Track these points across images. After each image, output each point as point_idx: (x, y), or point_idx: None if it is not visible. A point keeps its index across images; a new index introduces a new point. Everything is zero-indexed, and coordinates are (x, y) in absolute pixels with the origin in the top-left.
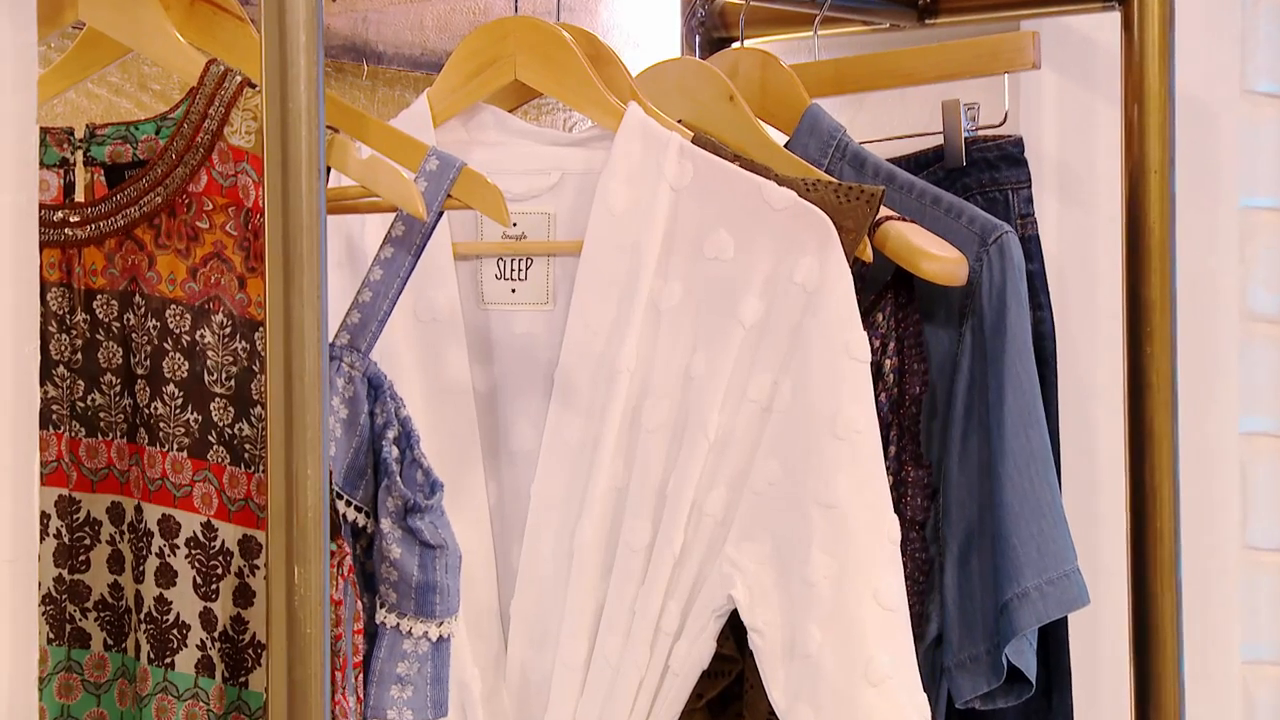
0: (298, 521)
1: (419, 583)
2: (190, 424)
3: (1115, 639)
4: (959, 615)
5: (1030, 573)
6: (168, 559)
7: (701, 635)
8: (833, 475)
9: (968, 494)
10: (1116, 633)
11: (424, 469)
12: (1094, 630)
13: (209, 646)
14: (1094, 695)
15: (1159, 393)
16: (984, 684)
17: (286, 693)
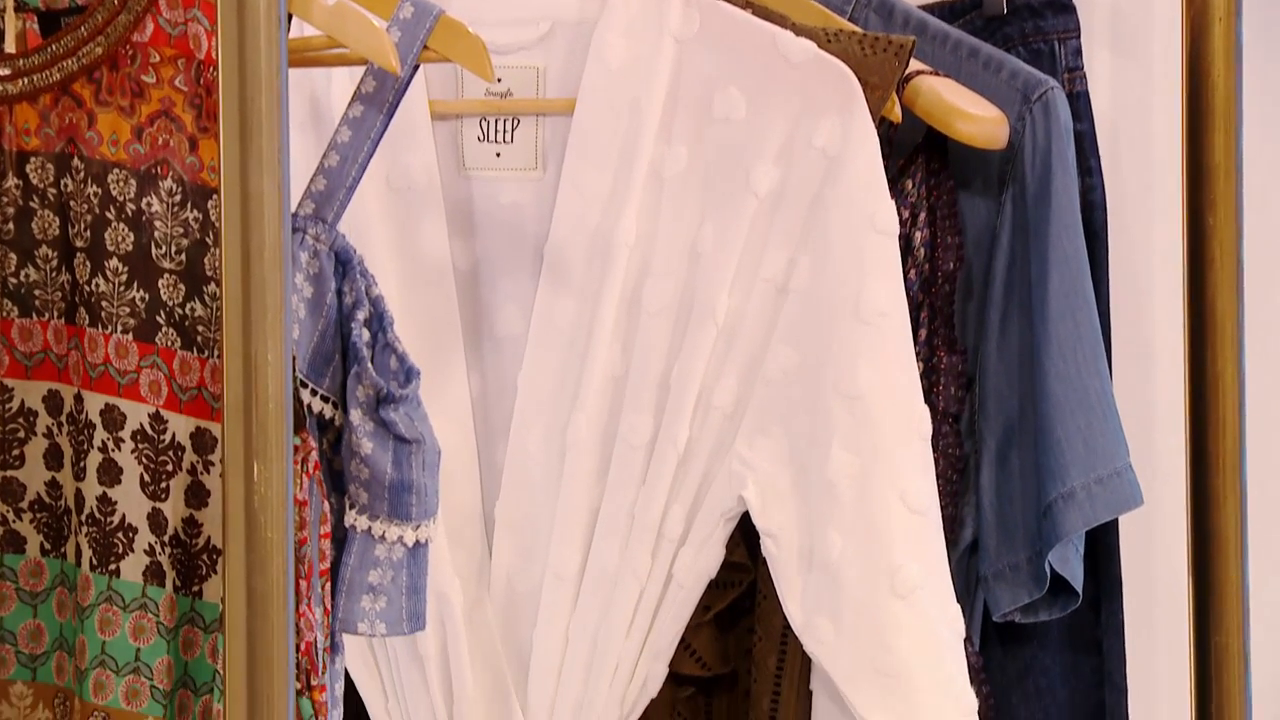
0: (257, 413)
1: (393, 481)
2: (136, 303)
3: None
4: (997, 519)
5: (1077, 471)
6: (112, 454)
7: (709, 542)
8: (855, 363)
9: (1007, 383)
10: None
11: (398, 355)
12: (1147, 536)
13: (158, 552)
14: (1147, 608)
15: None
16: (1024, 595)
17: (245, 604)
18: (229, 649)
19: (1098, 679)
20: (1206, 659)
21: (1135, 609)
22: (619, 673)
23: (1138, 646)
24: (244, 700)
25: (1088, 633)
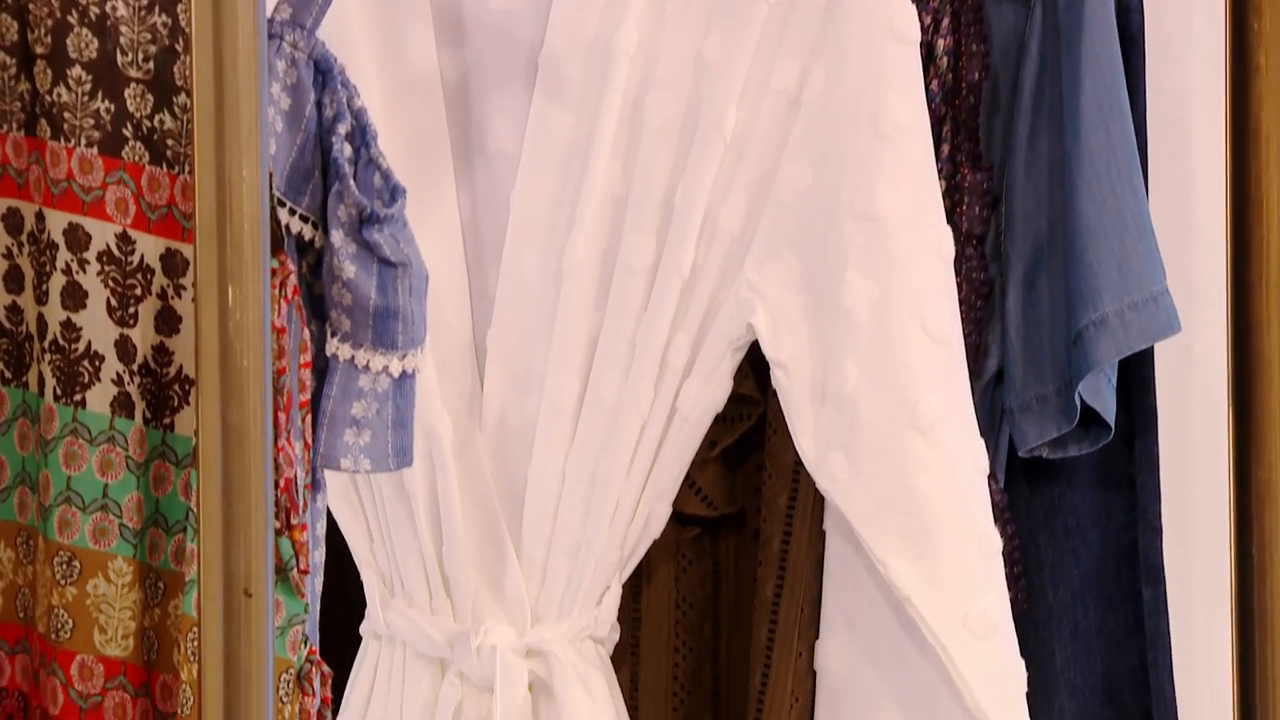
0: (231, 233)
1: (377, 307)
2: (101, 114)
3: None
4: (1024, 347)
5: (1109, 295)
6: (76, 276)
7: (715, 373)
8: (873, 180)
9: (1035, 202)
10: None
11: (382, 171)
12: (1185, 365)
13: (127, 381)
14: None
15: (1268, 77)
16: (1053, 428)
17: (220, 437)
18: (203, 485)
19: (1130, 518)
20: (1247, 495)
21: (1171, 443)
22: (619, 512)
23: (1173, 483)
24: (219, 540)
25: (1120, 469)
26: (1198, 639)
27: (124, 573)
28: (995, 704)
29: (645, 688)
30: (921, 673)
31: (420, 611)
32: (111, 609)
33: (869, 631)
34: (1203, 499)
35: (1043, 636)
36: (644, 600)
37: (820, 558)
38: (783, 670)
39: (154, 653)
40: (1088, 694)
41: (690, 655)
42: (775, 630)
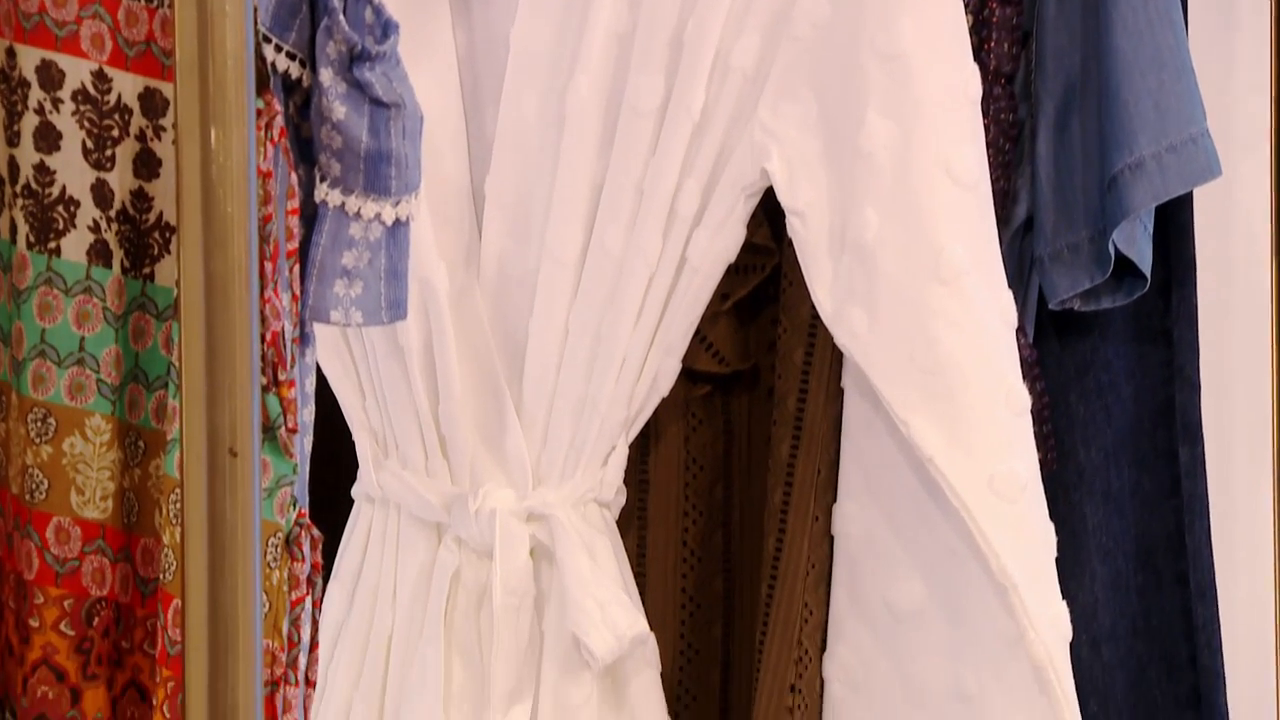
0: (214, 71)
1: (369, 150)
2: None
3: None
4: (1055, 193)
5: (1146, 137)
6: (49, 117)
7: (727, 221)
8: (895, 15)
9: (1068, 37)
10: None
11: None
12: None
13: (104, 228)
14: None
15: None
16: (1085, 279)
17: (203, 288)
18: (185, 339)
19: (1167, 373)
20: None
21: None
22: (626, 369)
23: (1213, 336)
24: (202, 396)
25: (1156, 321)
26: (1237, 501)
27: (102, 431)
28: (1022, 570)
29: (653, 553)
30: (944, 537)
31: (415, 473)
32: (89, 469)
33: (889, 494)
34: (1243, 353)
35: (1073, 499)
36: (652, 462)
37: (838, 417)
38: (798, 535)
39: (134, 515)
40: (1120, 559)
41: (700, 520)
42: (790, 493)
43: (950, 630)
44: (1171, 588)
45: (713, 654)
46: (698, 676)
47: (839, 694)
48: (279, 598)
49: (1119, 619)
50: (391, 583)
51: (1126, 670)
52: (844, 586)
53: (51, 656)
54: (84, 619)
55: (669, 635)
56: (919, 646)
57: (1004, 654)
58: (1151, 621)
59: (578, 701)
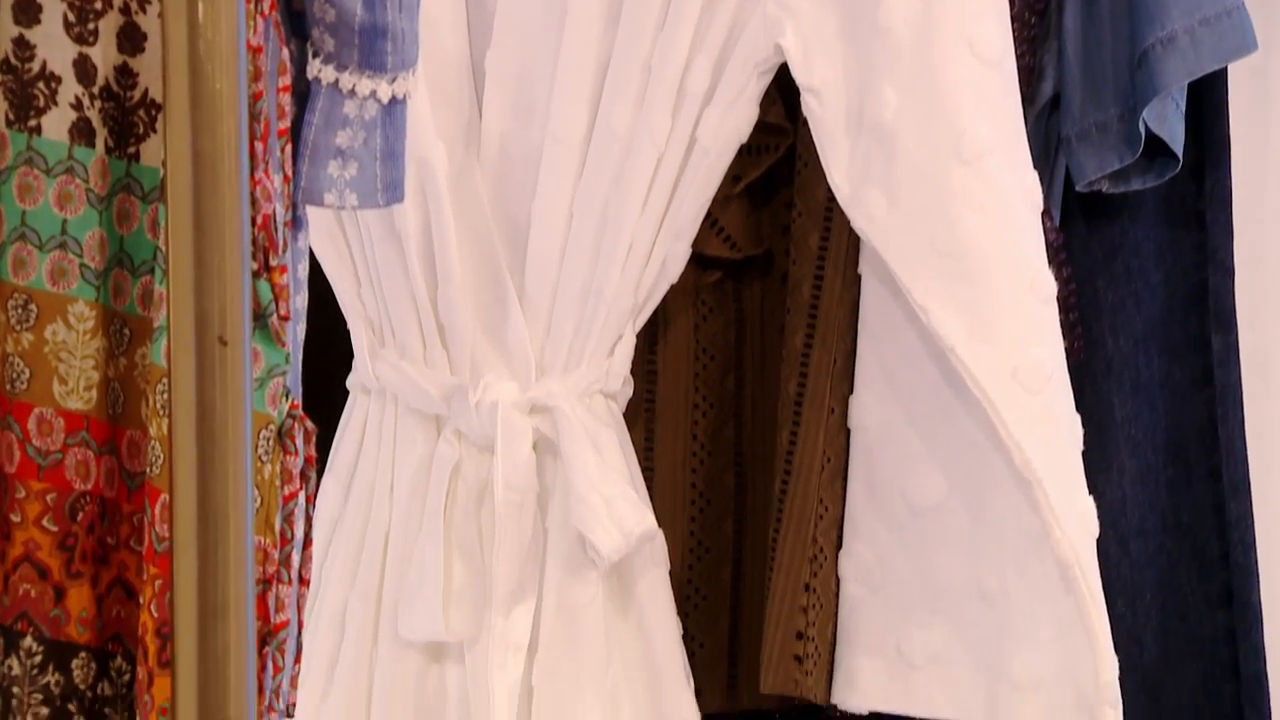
0: None
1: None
2: None
3: None
4: (1083, 69)
5: (1179, 10)
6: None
7: (740, 99)
8: None
9: None
10: None
11: None
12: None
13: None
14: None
15: None
16: (1114, 159)
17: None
18: (172, 222)
19: (1199, 258)
20: None
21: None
22: (633, 254)
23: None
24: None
25: (1188, 204)
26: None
27: (86, 318)
28: (1047, 463)
29: (661, 447)
30: (966, 430)
31: (413, 363)
32: (72, 358)
33: (908, 385)
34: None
35: (1101, 389)
36: (660, 351)
37: (855, 304)
38: (813, 427)
39: (120, 406)
40: (1150, 452)
41: (711, 412)
42: (805, 384)
43: (971, 527)
44: (1203, 482)
45: (723, 552)
46: (708, 575)
47: (855, 593)
48: (271, 493)
49: (1148, 515)
50: (388, 478)
51: (1156, 568)
52: (861, 481)
53: (34, 553)
54: (67, 514)
55: (678, 532)
56: (939, 543)
57: (1028, 551)
58: (1182, 517)
59: (583, 601)
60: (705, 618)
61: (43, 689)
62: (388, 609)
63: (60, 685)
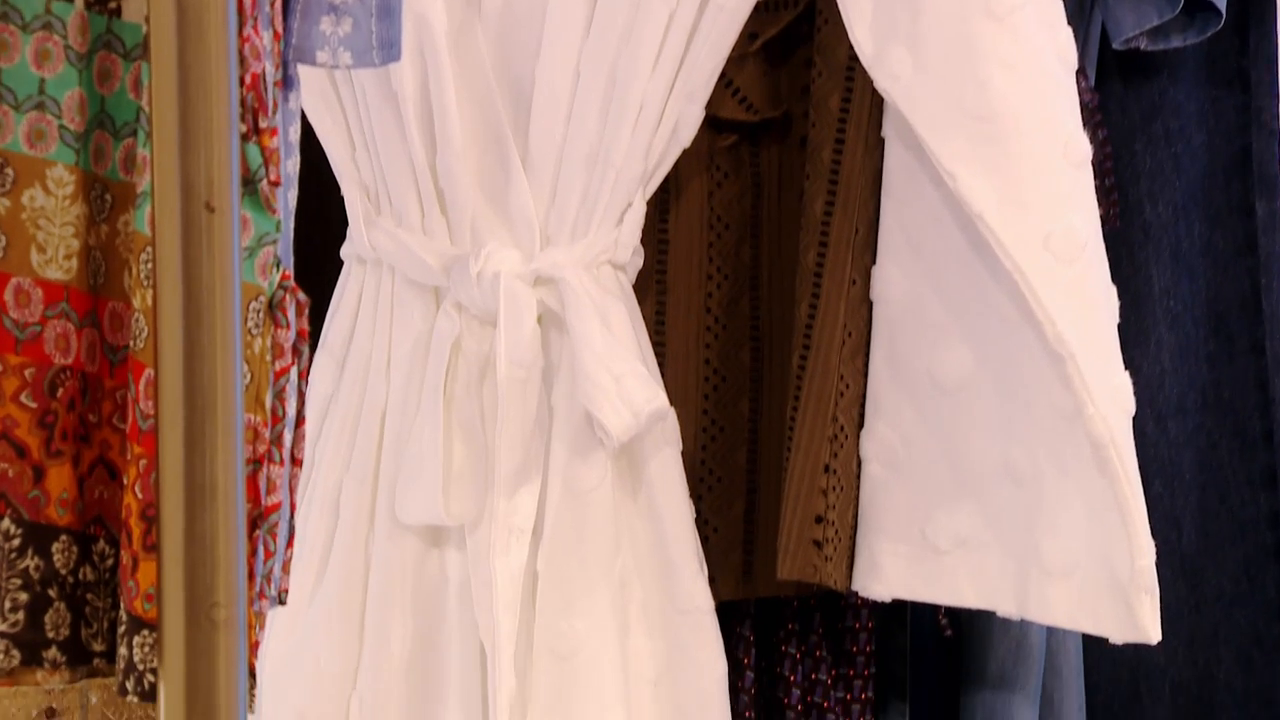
0: None
1: None
2: None
3: None
4: None
5: None
6: None
7: None
8: None
9: None
10: None
11: None
12: None
13: None
14: None
15: None
16: (1153, 13)
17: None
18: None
19: (1243, 119)
20: None
21: None
22: (644, 116)
23: None
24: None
25: (1231, 62)
26: None
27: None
28: (1080, 337)
29: (673, 320)
30: (995, 302)
31: (411, 232)
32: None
33: (934, 255)
34: None
35: (1138, 259)
36: (672, 220)
37: (878, 169)
38: (834, 299)
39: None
40: (1189, 324)
41: (726, 283)
42: (825, 254)
43: (1000, 404)
44: (1245, 356)
45: (739, 431)
46: (722, 456)
47: (877, 474)
48: (261, 368)
49: (1187, 391)
50: (385, 352)
51: (1195, 447)
52: (884, 357)
53: (11, 431)
54: (47, 390)
55: (691, 411)
56: (966, 422)
57: (1060, 430)
58: (1223, 393)
59: (590, 484)
60: (719, 501)
61: (21, 573)
62: (384, 491)
63: (40, 569)
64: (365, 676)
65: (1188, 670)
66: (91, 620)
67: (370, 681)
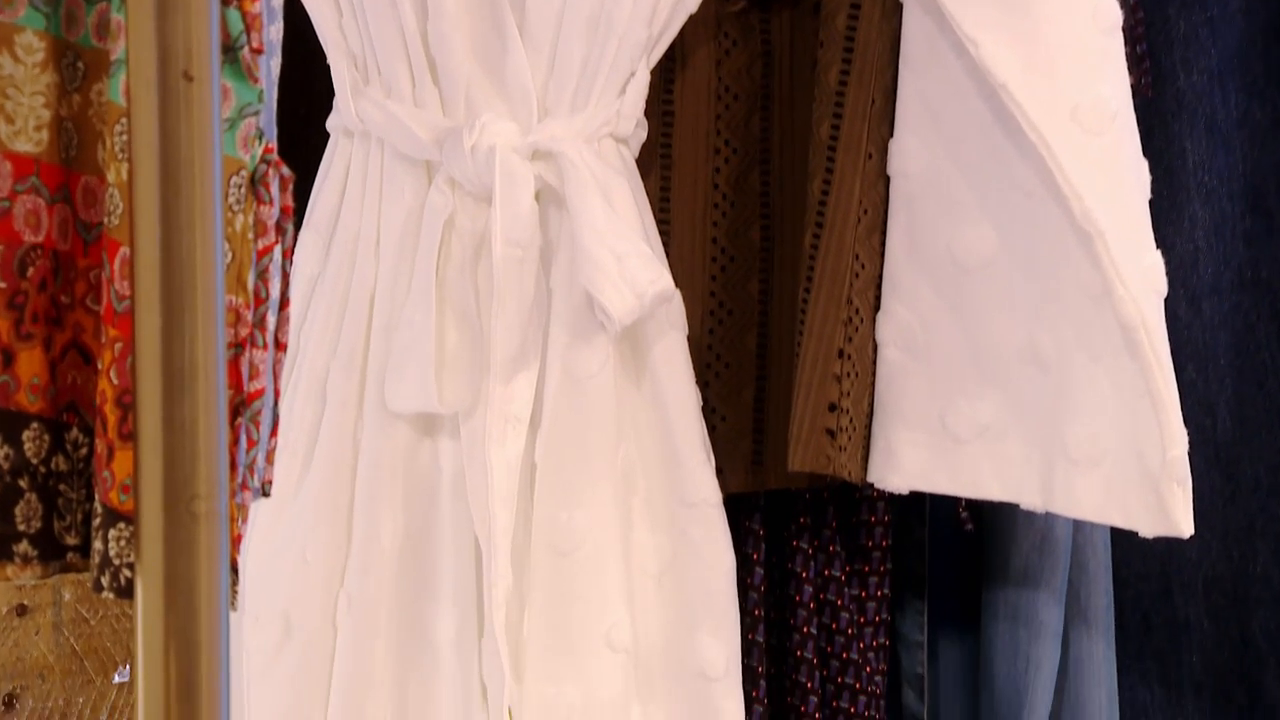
0: None
1: None
2: None
3: None
4: None
5: None
6: None
7: None
8: None
9: None
10: None
11: None
12: None
13: None
14: None
15: None
16: None
17: None
18: None
19: None
20: None
21: None
22: None
23: None
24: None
25: None
26: None
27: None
28: (1109, 214)
29: (678, 197)
30: (1019, 177)
31: (401, 102)
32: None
33: (955, 127)
34: None
35: (1171, 130)
36: (678, 90)
37: (895, 35)
38: (849, 174)
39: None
40: (1225, 199)
41: (734, 157)
42: (840, 126)
43: (1025, 285)
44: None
45: (748, 314)
46: (730, 340)
47: (894, 359)
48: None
49: (1223, 270)
50: (374, 230)
51: (1231, 329)
52: (902, 235)
53: None
54: (16, 269)
55: (697, 292)
56: (988, 303)
57: (1088, 312)
58: (1260, 272)
59: (591, 369)
60: (727, 388)
61: None
62: (373, 377)
63: (10, 458)
64: (353, 573)
65: (1222, 565)
66: (64, 512)
67: (359, 578)
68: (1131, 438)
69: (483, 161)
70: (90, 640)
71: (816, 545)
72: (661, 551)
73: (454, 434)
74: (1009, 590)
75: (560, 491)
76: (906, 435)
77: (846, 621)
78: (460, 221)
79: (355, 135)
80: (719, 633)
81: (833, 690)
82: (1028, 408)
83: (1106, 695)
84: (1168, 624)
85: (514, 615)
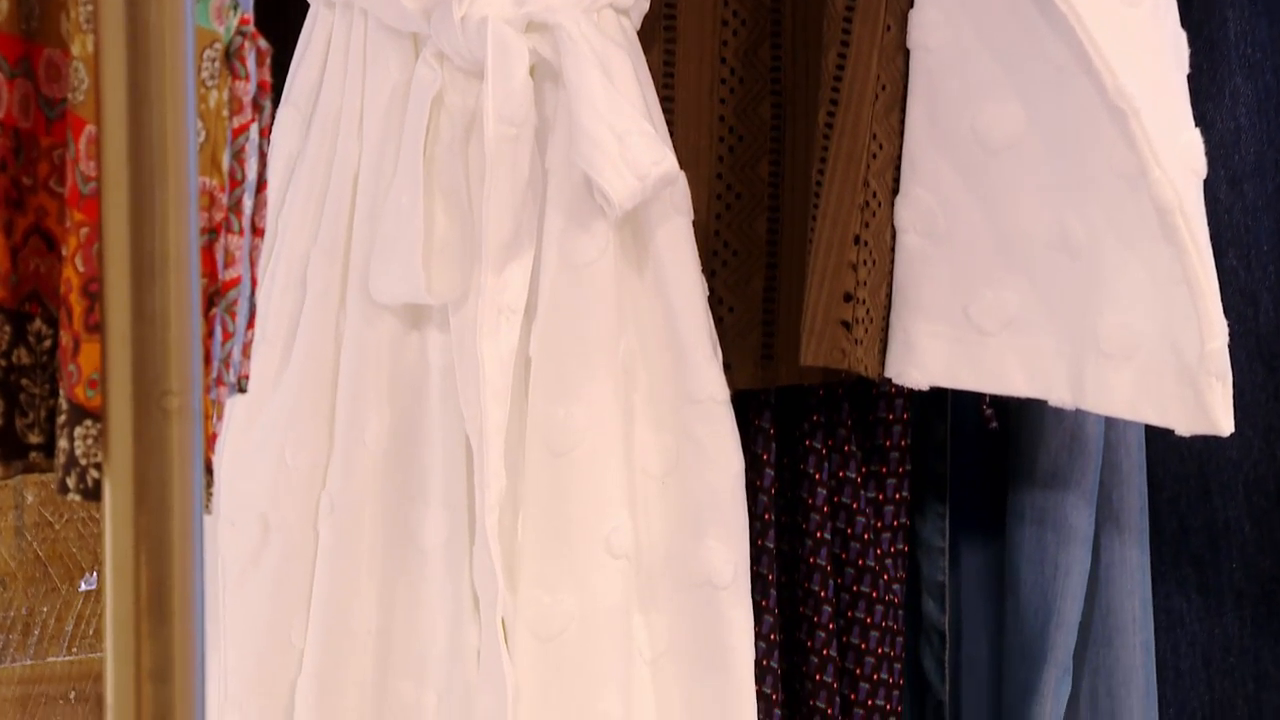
0: None
1: None
2: None
3: None
4: None
5: None
6: None
7: None
8: None
9: None
10: None
11: None
12: None
13: None
14: None
15: None
16: None
17: None
18: None
19: None
20: None
21: None
22: None
23: None
24: None
25: None
26: None
27: None
28: (1145, 89)
29: (683, 71)
30: (1049, 50)
31: None
32: None
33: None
34: None
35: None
36: None
37: None
38: (866, 47)
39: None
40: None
41: (743, 30)
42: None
43: (1053, 166)
44: None
45: (758, 198)
46: (739, 226)
47: (914, 245)
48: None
49: (1266, 150)
50: (357, 108)
51: (1275, 213)
52: (922, 113)
53: None
54: None
55: (703, 174)
56: (1014, 186)
57: (1121, 194)
58: None
59: (590, 255)
60: (736, 277)
61: None
62: (357, 265)
63: None
64: (336, 474)
65: (1265, 464)
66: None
67: (341, 480)
68: (1167, 329)
69: (474, 33)
70: (55, 545)
71: (830, 445)
72: (665, 451)
73: (443, 325)
74: (1036, 492)
75: (556, 386)
76: (927, 327)
77: (863, 526)
78: (449, 98)
79: (336, 5)
80: (726, 538)
81: (848, 599)
82: (1056, 297)
83: (1140, 604)
84: (1206, 528)
85: (507, 519)
